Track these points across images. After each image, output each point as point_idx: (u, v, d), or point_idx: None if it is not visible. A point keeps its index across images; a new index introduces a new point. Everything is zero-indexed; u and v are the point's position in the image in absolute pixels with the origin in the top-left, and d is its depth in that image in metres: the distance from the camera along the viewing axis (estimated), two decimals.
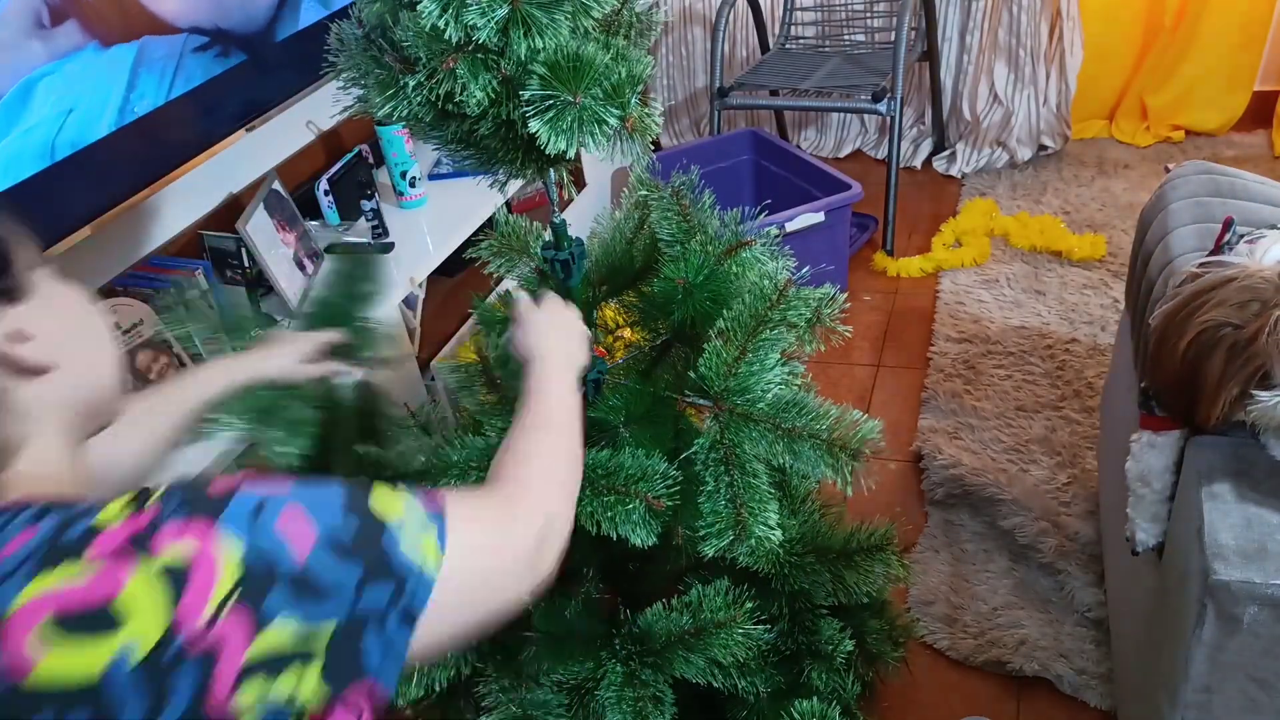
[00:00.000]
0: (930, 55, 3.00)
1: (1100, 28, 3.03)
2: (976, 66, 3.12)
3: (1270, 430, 1.06)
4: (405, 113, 0.93)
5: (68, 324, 0.73)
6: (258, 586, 0.61)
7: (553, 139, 0.87)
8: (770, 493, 1.04)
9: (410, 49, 0.89)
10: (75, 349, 0.73)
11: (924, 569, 1.80)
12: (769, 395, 1.04)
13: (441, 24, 0.85)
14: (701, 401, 1.06)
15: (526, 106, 0.88)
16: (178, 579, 0.59)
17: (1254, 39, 2.98)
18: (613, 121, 0.88)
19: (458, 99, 0.90)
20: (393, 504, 0.71)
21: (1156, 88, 3.10)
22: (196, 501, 0.63)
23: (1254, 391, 1.02)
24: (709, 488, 1.04)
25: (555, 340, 1.01)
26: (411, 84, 0.90)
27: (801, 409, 1.03)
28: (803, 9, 3.11)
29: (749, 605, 1.10)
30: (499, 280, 1.95)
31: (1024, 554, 1.78)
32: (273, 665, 0.61)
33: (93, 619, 0.57)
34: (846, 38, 3.08)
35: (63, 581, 0.58)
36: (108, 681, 0.57)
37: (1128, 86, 3.16)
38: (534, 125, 0.88)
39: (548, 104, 0.87)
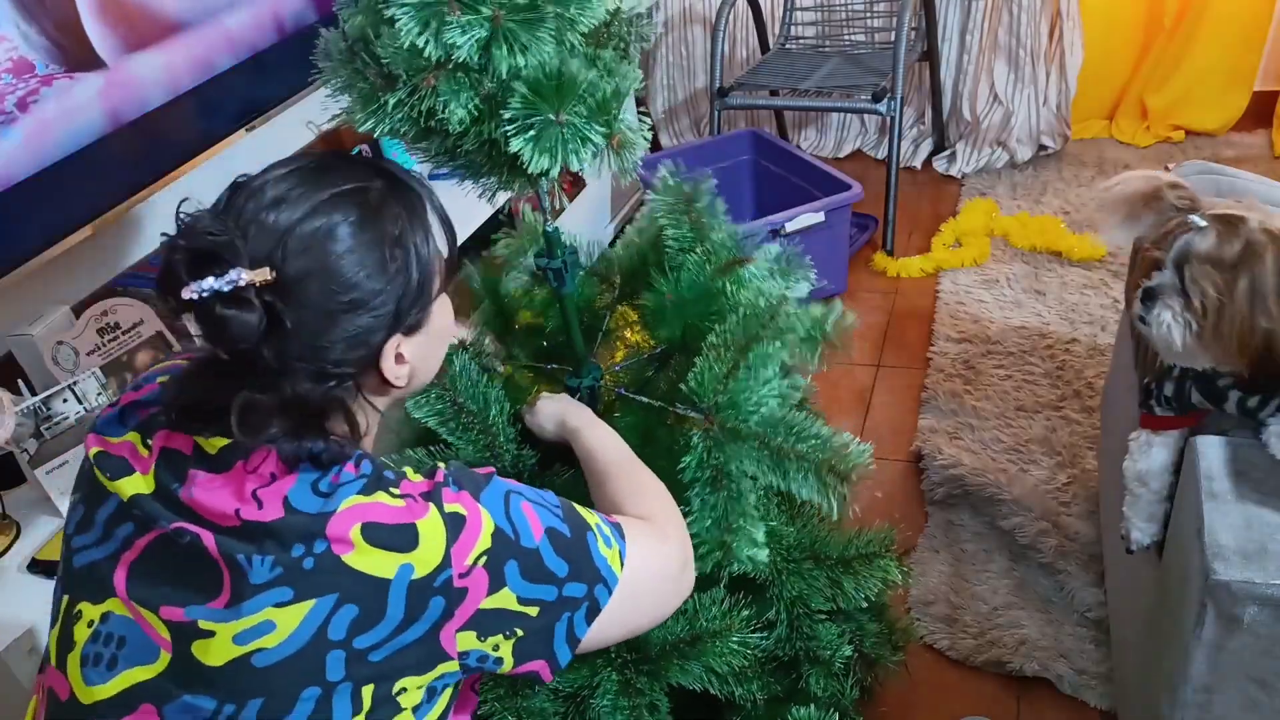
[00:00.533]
0: (930, 55, 3.00)
1: (1100, 28, 3.03)
2: (976, 66, 3.12)
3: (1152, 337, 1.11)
4: (387, 128, 0.91)
5: (431, 349, 0.88)
6: (501, 554, 0.78)
7: (535, 158, 0.85)
8: (757, 512, 1.04)
9: (391, 65, 0.87)
10: (427, 367, 0.89)
11: (924, 569, 1.80)
12: (761, 411, 1.03)
13: (421, 42, 0.82)
14: (693, 414, 1.05)
15: (508, 125, 0.86)
16: (456, 527, 0.77)
17: (1254, 39, 2.98)
18: (598, 140, 0.87)
19: (439, 116, 0.87)
20: (589, 515, 0.87)
21: (1156, 88, 3.09)
22: (466, 479, 0.81)
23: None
24: (695, 508, 1.03)
25: (568, 405, 1.10)
26: (392, 101, 0.88)
27: (791, 428, 1.02)
28: (803, 9, 3.11)
29: (745, 614, 1.09)
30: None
31: (1024, 554, 1.78)
32: (488, 627, 0.78)
33: (398, 533, 0.75)
34: (846, 38, 3.08)
35: (381, 502, 0.76)
36: (394, 583, 0.74)
37: (1128, 86, 3.16)
38: (516, 144, 0.85)
39: (530, 123, 0.85)
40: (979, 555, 1.81)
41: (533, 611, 0.79)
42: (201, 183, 1.93)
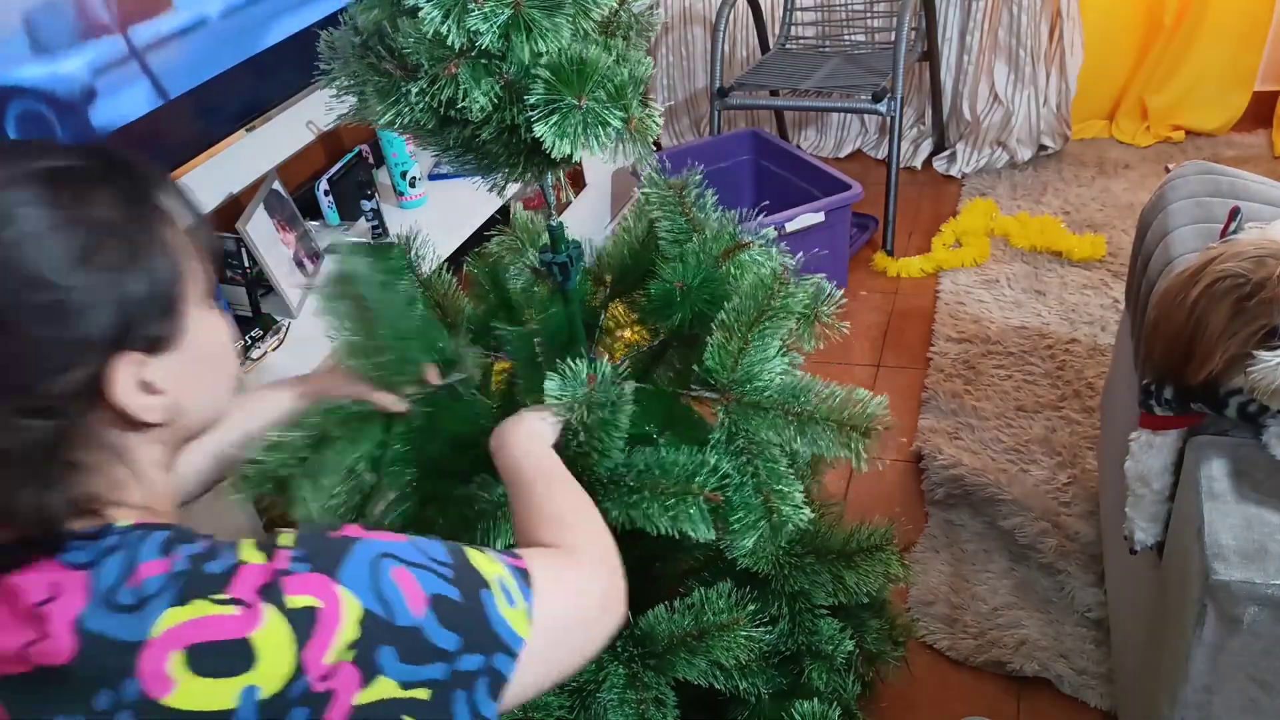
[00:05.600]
0: (930, 55, 3.00)
1: (1100, 27, 3.03)
2: (977, 66, 3.12)
3: (1267, 396, 1.04)
4: (408, 120, 0.92)
5: (200, 375, 0.69)
6: (373, 641, 0.63)
7: (558, 143, 0.86)
8: (793, 475, 1.05)
9: (411, 55, 0.88)
10: (201, 399, 0.69)
11: (924, 569, 1.80)
12: (775, 383, 1.04)
13: (444, 30, 0.84)
14: (708, 395, 1.06)
15: (531, 111, 0.87)
16: (306, 625, 0.61)
17: (1254, 39, 2.99)
18: (616, 123, 0.88)
19: (460, 105, 0.89)
20: (490, 564, 0.71)
21: (1157, 88, 3.10)
22: (320, 552, 0.65)
23: (1255, 352, 1.01)
24: (735, 480, 1.04)
25: (511, 428, 0.98)
26: (414, 90, 0.89)
27: (809, 392, 1.04)
28: (803, 9, 3.11)
29: (751, 607, 1.10)
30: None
31: (1024, 554, 1.78)
32: (372, 717, 0.63)
33: (230, 653, 0.59)
34: (846, 38, 3.08)
35: (202, 615, 0.60)
36: (239, 712, 0.59)
37: (1128, 86, 3.16)
38: (539, 129, 0.87)
39: (552, 108, 0.86)
40: (979, 555, 1.81)
41: (423, 694, 0.65)
42: (202, 182, 1.93)
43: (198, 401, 0.69)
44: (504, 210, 2.35)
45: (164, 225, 0.65)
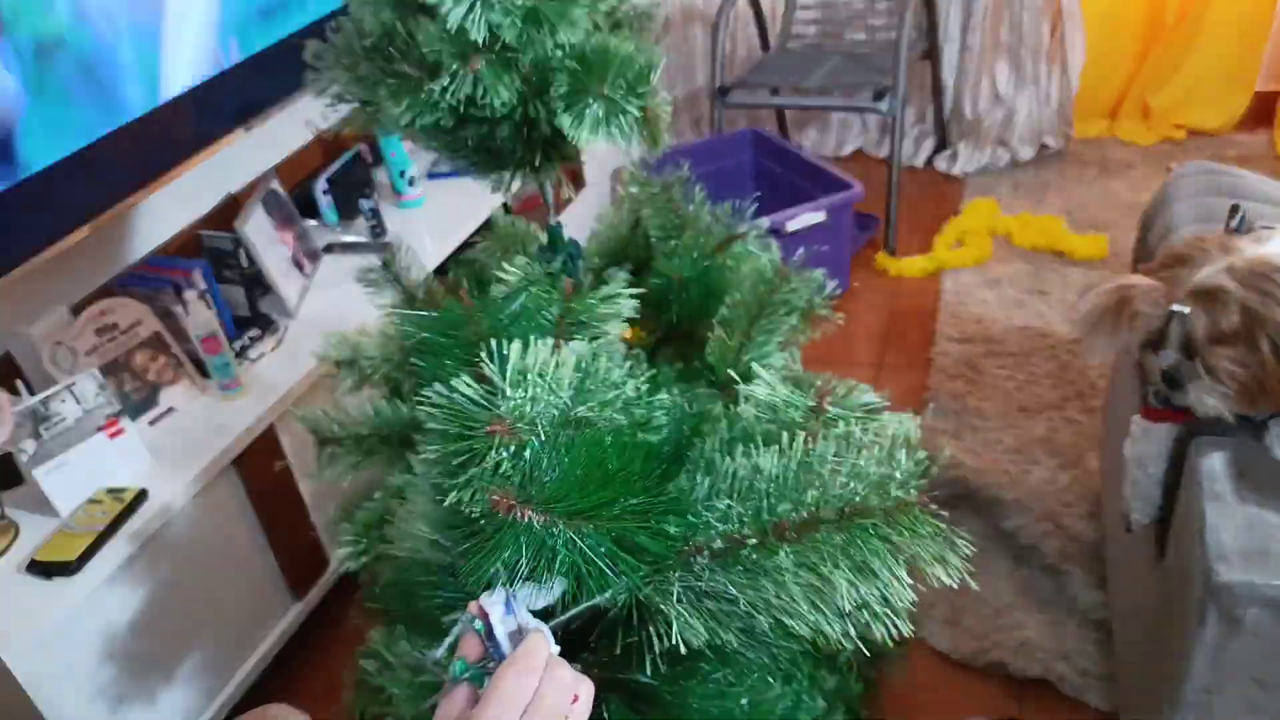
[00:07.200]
0: (932, 54, 3.00)
1: (1102, 27, 3.03)
2: (978, 65, 3.11)
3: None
4: (429, 120, 0.91)
5: None
6: None
7: (582, 133, 0.87)
8: None
9: (431, 53, 0.88)
10: None
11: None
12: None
13: (468, 24, 0.84)
14: (707, 391, 1.06)
15: (558, 102, 0.87)
16: None
17: (1256, 39, 2.98)
18: (635, 112, 0.88)
19: (480, 101, 0.89)
20: None
21: (1158, 87, 3.09)
22: None
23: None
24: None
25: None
26: (438, 89, 0.88)
27: (809, 384, 1.04)
28: (804, 7, 3.11)
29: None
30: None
31: (1026, 555, 1.78)
32: None
33: None
34: (848, 36, 3.07)
35: None
36: None
37: (1130, 86, 3.15)
38: (564, 121, 0.87)
39: (576, 98, 0.86)
40: (981, 557, 1.81)
41: None
42: (200, 182, 1.93)
43: None
44: (504, 209, 2.34)
45: None
